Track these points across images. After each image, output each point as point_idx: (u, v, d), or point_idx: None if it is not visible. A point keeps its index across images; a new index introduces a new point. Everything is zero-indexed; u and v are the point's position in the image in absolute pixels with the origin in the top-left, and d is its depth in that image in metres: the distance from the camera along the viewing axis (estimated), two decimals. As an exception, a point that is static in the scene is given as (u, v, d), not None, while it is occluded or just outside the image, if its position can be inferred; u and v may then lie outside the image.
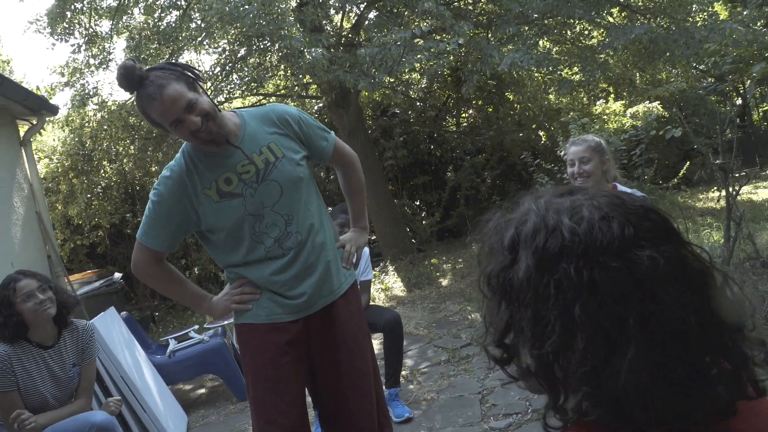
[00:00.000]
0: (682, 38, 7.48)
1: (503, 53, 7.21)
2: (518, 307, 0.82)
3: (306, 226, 2.18)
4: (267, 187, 2.12)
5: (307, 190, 2.21)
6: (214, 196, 2.11)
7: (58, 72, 9.36)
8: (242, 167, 2.11)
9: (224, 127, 2.10)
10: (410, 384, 4.38)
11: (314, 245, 2.20)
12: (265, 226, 2.13)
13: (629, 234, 0.77)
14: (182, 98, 1.98)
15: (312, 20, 7.67)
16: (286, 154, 2.17)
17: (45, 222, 6.68)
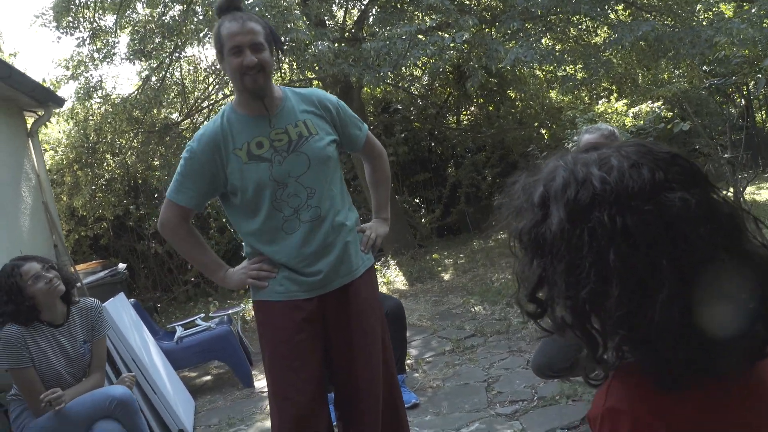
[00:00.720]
0: (687, 37, 7.50)
1: (507, 49, 7.25)
2: (551, 260, 0.84)
3: (327, 203, 2.23)
4: (296, 157, 2.18)
5: (333, 171, 2.27)
6: (244, 157, 2.17)
7: (63, 65, 9.39)
8: (275, 135, 2.19)
9: (270, 88, 2.19)
10: (415, 372, 4.41)
11: (333, 224, 2.24)
12: (287, 195, 2.18)
13: (659, 178, 0.80)
14: (257, 35, 2.11)
15: (317, 14, 7.71)
16: (319, 132, 2.24)
17: (52, 212, 6.72)
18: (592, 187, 0.81)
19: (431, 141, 12.53)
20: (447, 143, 12.48)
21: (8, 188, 5.90)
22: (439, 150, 12.59)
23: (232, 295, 8.94)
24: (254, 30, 2.11)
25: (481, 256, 8.62)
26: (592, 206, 0.81)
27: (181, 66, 10.03)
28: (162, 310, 8.92)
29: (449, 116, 13.15)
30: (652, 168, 0.81)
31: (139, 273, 10.04)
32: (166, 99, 9.71)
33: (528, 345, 4.58)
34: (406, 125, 11.91)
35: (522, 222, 0.89)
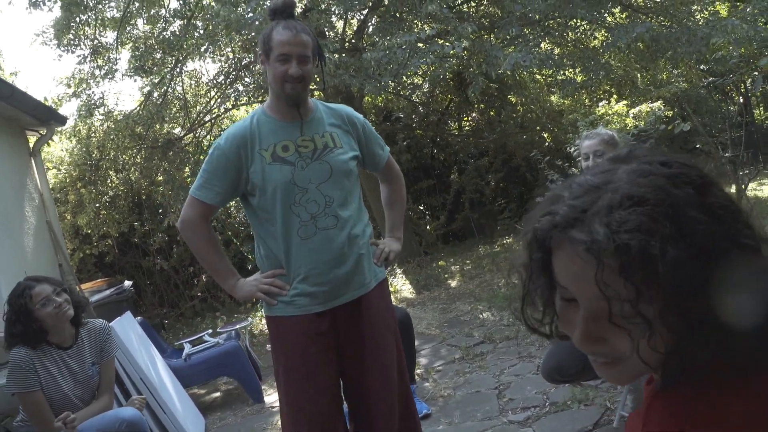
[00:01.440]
0: (684, 36, 7.52)
1: (506, 54, 7.26)
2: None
3: (344, 214, 2.25)
4: (319, 165, 2.22)
5: (353, 185, 2.32)
6: (268, 158, 2.21)
7: (64, 83, 9.44)
8: (302, 141, 2.24)
9: (307, 98, 2.26)
10: (425, 382, 4.40)
11: (350, 236, 2.26)
12: (306, 200, 2.20)
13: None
14: (306, 48, 2.17)
15: (317, 26, 7.73)
16: (344, 146, 2.29)
17: (56, 231, 6.73)
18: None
19: (434, 148, 12.55)
20: (449, 150, 12.49)
21: (12, 208, 5.92)
22: (442, 156, 12.60)
23: (239, 310, 8.94)
24: (305, 42, 2.16)
25: (488, 262, 8.61)
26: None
27: (182, 81, 10.07)
28: (169, 327, 8.92)
29: (451, 123, 13.16)
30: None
31: (145, 290, 10.04)
32: (168, 114, 9.74)
33: (537, 350, 4.56)
34: (409, 133, 11.93)
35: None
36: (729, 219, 0.74)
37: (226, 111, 10.25)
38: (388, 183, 2.60)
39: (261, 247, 2.33)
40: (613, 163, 0.81)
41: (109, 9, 9.45)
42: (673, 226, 0.71)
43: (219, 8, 6.86)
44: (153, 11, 9.73)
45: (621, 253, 0.70)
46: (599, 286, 0.72)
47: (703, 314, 0.71)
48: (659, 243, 0.69)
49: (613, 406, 3.26)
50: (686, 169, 0.77)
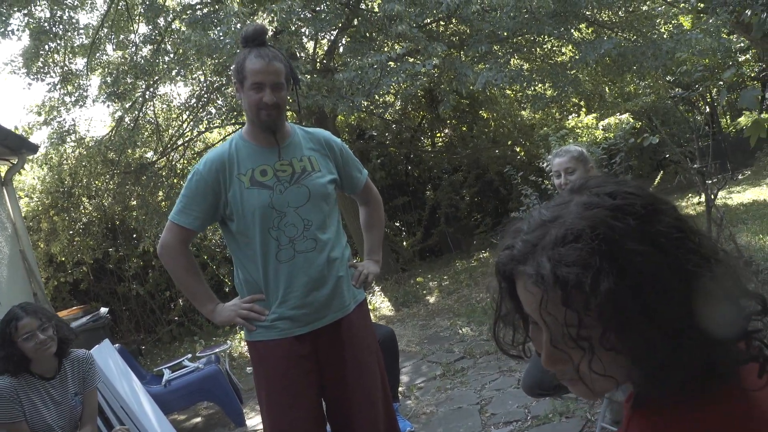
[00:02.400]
0: (649, 50, 7.72)
1: (476, 72, 7.38)
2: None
3: (323, 237, 2.28)
4: (297, 189, 2.25)
5: (331, 208, 2.34)
6: (246, 182, 2.23)
7: (35, 111, 9.34)
8: (280, 165, 2.26)
9: (282, 124, 2.29)
10: (407, 399, 4.42)
11: (328, 258, 2.28)
12: (284, 224, 2.22)
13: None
14: (279, 76, 2.19)
15: (288, 48, 7.78)
16: (322, 169, 2.32)
17: (30, 260, 6.64)
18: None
19: (408, 165, 12.64)
20: (423, 166, 12.59)
21: (-15, 239, 5.84)
22: (416, 173, 12.70)
23: (217, 333, 8.87)
24: (278, 70, 2.18)
25: (465, 277, 8.66)
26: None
27: (154, 105, 10.03)
28: (147, 352, 8.81)
29: (424, 139, 13.28)
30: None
31: (121, 316, 9.91)
32: (141, 138, 9.68)
33: (518, 364, 4.60)
34: (382, 150, 12.01)
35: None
36: (673, 247, 0.78)
37: (198, 134, 10.23)
38: (366, 205, 2.62)
39: (240, 272, 2.34)
40: (570, 194, 0.87)
41: (78, 37, 9.40)
42: (608, 260, 0.76)
43: (190, 33, 6.88)
44: (122, 36, 9.72)
45: (561, 286, 0.77)
46: (542, 314, 0.80)
47: (646, 339, 0.76)
48: (592, 276, 0.75)
49: (593, 417, 3.31)
50: (632, 199, 0.82)
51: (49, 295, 8.82)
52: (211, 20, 7.42)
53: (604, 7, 8.90)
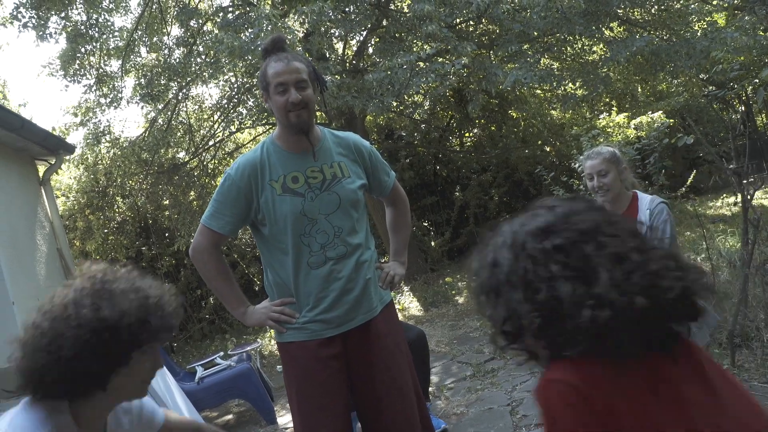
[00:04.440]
0: (683, 49, 7.61)
1: (506, 71, 7.35)
2: (510, 292, 1.14)
3: (353, 242, 2.29)
4: (328, 196, 2.26)
5: (361, 213, 2.36)
6: (278, 189, 2.24)
7: (71, 112, 9.56)
8: (311, 172, 2.27)
9: (313, 125, 2.28)
10: (438, 400, 4.42)
11: (358, 262, 2.30)
12: (316, 230, 2.24)
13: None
14: (301, 74, 2.20)
15: (318, 49, 7.84)
16: (351, 175, 2.33)
17: (66, 258, 6.79)
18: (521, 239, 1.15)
19: (436, 164, 12.62)
20: (452, 166, 12.56)
21: (24, 237, 5.99)
22: (445, 173, 12.67)
23: (248, 331, 8.97)
24: (298, 69, 2.20)
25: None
26: (524, 245, 1.13)
27: (186, 106, 10.18)
28: (178, 350, 8.95)
29: (452, 139, 13.25)
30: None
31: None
32: (173, 139, 9.84)
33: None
34: (411, 150, 12.01)
35: (481, 278, 1.21)
36: (582, 278, 1.07)
37: (230, 134, 10.35)
38: (393, 207, 2.63)
39: (270, 274, 2.37)
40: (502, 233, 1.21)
41: (113, 39, 9.59)
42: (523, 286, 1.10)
43: (222, 35, 6.97)
44: (156, 39, 9.89)
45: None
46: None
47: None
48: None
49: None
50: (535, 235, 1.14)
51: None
52: (242, 22, 7.51)
53: (636, 6, 8.79)
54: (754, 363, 3.59)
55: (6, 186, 5.93)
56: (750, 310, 3.88)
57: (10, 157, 6.26)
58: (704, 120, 12.47)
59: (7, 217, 5.69)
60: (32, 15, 8.67)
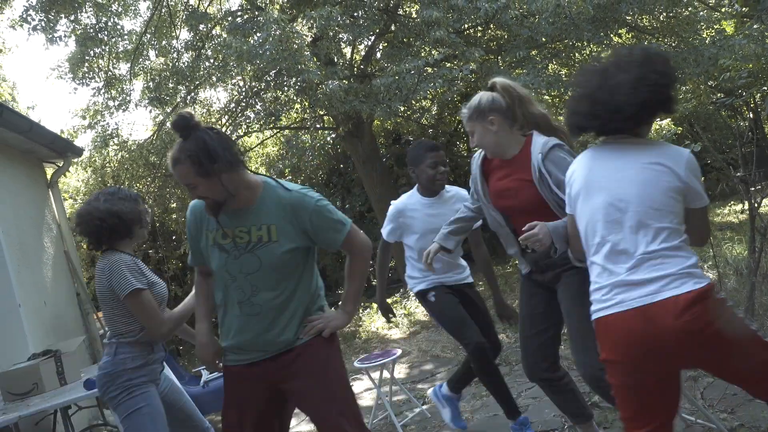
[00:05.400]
0: (691, 56, 7.59)
1: (514, 76, 7.36)
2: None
3: (269, 304, 2.34)
4: (250, 258, 2.31)
5: (289, 272, 2.35)
6: (210, 240, 2.36)
7: (79, 115, 9.62)
8: (240, 231, 2.32)
9: (224, 203, 2.28)
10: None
11: (273, 321, 2.35)
12: (235, 287, 2.34)
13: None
14: (186, 179, 2.24)
15: (326, 53, 7.87)
16: (280, 239, 2.31)
17: (74, 261, 6.81)
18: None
19: (443, 170, 12.61)
20: (459, 171, 12.54)
21: (31, 240, 6.01)
22: (452, 177, 12.64)
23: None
24: (182, 174, 2.22)
25: (501, 282, 8.56)
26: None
27: (194, 109, 10.23)
28: (184, 353, 8.97)
29: (460, 144, 13.25)
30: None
31: (160, 316, 10.07)
32: (181, 143, 9.87)
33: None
34: (418, 155, 12.00)
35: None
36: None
37: (237, 138, 10.38)
38: (349, 256, 2.54)
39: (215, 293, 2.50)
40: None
41: (122, 42, 9.65)
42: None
43: (230, 39, 7.00)
44: (164, 42, 9.94)
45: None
46: None
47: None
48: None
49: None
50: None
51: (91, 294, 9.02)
52: (251, 27, 7.55)
53: (644, 12, 8.78)
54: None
55: (14, 188, 5.96)
56: (757, 318, 3.86)
57: (18, 160, 6.29)
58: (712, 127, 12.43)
59: (15, 219, 5.71)
60: (41, 18, 8.74)
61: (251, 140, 11.49)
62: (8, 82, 13.47)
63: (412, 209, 3.58)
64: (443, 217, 3.36)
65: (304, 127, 10.34)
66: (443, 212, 3.45)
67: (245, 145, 11.32)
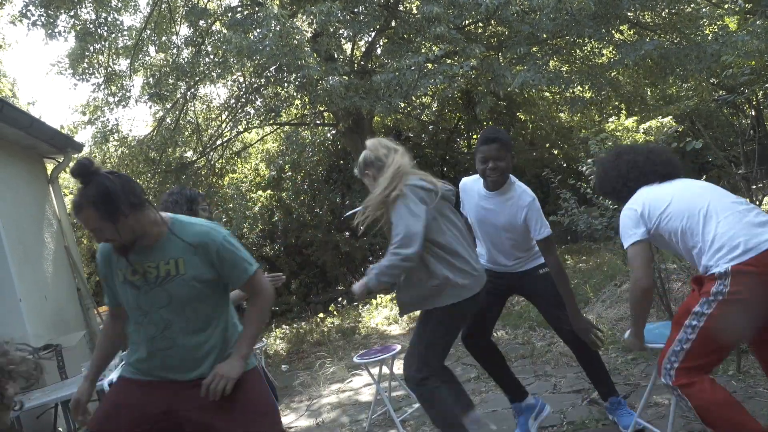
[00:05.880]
0: (693, 52, 7.57)
1: (515, 73, 7.34)
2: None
3: (180, 336, 2.35)
4: (159, 292, 2.32)
5: (199, 305, 2.37)
6: (121, 277, 2.36)
7: (79, 111, 9.60)
8: (149, 267, 2.33)
9: (139, 239, 2.29)
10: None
11: (183, 356, 2.36)
12: (147, 321, 2.35)
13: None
14: (90, 225, 2.22)
15: (326, 49, 7.85)
16: (188, 272, 2.33)
17: (74, 256, 6.81)
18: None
19: (443, 166, 12.61)
20: (459, 167, 12.54)
21: (31, 235, 6.01)
22: (452, 175, 12.65)
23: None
24: (84, 219, 2.21)
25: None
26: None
27: (194, 105, 10.21)
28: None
29: (460, 141, 13.25)
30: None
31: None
32: (181, 138, 9.88)
33: (553, 369, 4.57)
34: (418, 152, 12.01)
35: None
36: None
37: (237, 134, 10.38)
38: (250, 299, 2.54)
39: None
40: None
41: (122, 38, 9.63)
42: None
43: (230, 35, 6.99)
44: (164, 38, 9.92)
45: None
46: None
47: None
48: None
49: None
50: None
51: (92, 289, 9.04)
52: (251, 22, 7.53)
53: (646, 9, 8.76)
54: (760, 369, 3.56)
55: (14, 184, 5.96)
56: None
57: (19, 155, 6.29)
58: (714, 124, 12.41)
59: (15, 214, 5.71)
60: (41, 13, 8.72)
61: (251, 136, 11.48)
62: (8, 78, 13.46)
63: (471, 192, 3.41)
64: (495, 214, 3.28)
65: (305, 123, 10.33)
66: (497, 210, 3.30)
67: (245, 141, 11.31)
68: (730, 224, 2.33)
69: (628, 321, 5.07)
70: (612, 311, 5.42)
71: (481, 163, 3.22)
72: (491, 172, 3.21)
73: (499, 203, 3.30)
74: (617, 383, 3.93)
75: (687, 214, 2.43)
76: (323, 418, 4.73)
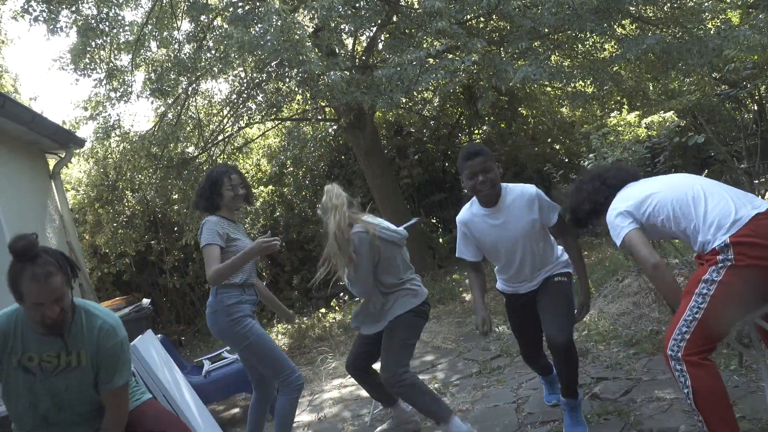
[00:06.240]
0: (695, 47, 7.54)
1: (516, 68, 7.32)
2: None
3: (77, 417, 2.43)
4: (57, 381, 2.36)
5: (96, 396, 2.44)
6: (15, 363, 2.33)
7: (81, 106, 9.60)
8: (47, 356, 2.34)
9: (67, 319, 2.30)
10: (443, 396, 4.42)
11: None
12: (42, 407, 2.39)
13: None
14: (58, 292, 2.19)
15: (328, 44, 7.83)
16: (87, 365, 2.38)
17: (76, 251, 6.83)
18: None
19: (445, 161, 12.60)
20: (460, 164, 12.52)
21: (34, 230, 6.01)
22: (453, 170, 12.63)
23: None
24: (54, 288, 2.18)
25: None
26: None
27: (196, 101, 10.21)
28: (187, 343, 8.99)
29: (462, 136, 13.22)
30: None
31: (162, 307, 10.12)
32: (183, 134, 9.87)
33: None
34: (420, 147, 12.00)
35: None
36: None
37: (239, 129, 10.37)
38: (107, 409, 2.51)
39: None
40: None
41: (124, 33, 9.62)
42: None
43: (232, 30, 6.98)
44: (166, 33, 9.91)
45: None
46: None
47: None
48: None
49: (632, 420, 3.27)
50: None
51: (94, 285, 9.06)
52: (252, 17, 7.51)
53: (649, 3, 8.73)
54: (762, 364, 3.56)
55: (16, 179, 5.96)
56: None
57: (21, 151, 6.29)
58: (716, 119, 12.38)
59: (18, 209, 5.72)
60: (43, 9, 8.72)
61: (253, 132, 11.47)
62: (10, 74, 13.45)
63: (474, 219, 3.34)
64: (506, 225, 3.21)
65: (306, 119, 10.31)
66: (507, 220, 3.22)
67: (247, 136, 11.30)
68: (720, 197, 2.39)
69: (630, 316, 5.08)
70: (614, 306, 5.41)
71: (469, 180, 3.16)
72: (482, 186, 3.14)
73: (506, 213, 3.23)
74: (619, 378, 3.93)
75: (674, 196, 2.48)
76: (325, 413, 4.74)
